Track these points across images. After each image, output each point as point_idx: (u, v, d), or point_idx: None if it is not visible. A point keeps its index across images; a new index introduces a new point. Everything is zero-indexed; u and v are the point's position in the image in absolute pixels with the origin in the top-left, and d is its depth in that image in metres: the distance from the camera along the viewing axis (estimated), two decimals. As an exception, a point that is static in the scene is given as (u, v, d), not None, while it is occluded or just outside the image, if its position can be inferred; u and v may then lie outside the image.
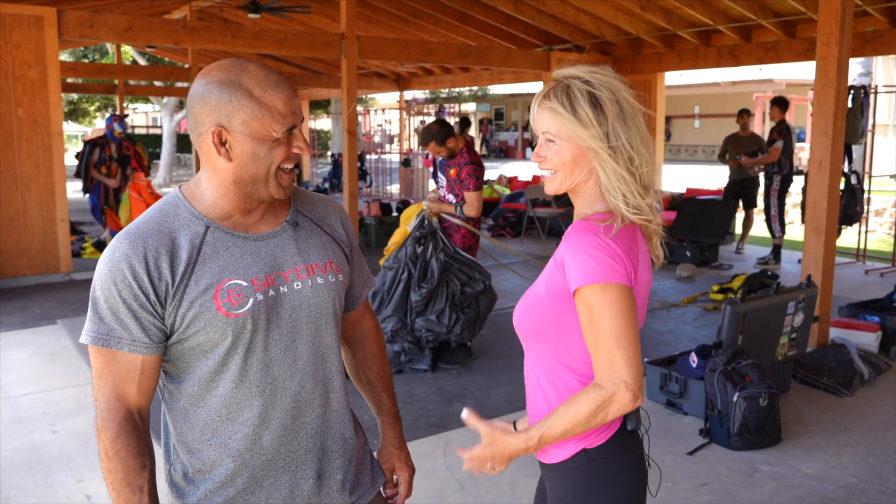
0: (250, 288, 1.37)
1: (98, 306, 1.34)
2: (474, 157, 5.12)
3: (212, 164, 1.39)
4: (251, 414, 1.40)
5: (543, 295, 1.48)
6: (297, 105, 1.39)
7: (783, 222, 8.71)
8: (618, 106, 1.46)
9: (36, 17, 7.02)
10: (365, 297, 1.69)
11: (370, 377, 1.70)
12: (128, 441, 1.34)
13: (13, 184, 7.15)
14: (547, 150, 1.51)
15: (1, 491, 3.26)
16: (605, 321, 1.38)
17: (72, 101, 26.36)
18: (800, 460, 3.64)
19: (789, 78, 20.20)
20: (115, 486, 1.34)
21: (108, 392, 1.35)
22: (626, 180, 1.45)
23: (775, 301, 4.30)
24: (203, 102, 1.35)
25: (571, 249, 1.42)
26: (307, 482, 1.46)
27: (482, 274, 4.99)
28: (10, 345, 5.46)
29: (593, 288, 1.39)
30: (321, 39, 8.79)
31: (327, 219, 1.56)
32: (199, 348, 1.37)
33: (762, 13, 8.08)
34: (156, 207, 1.42)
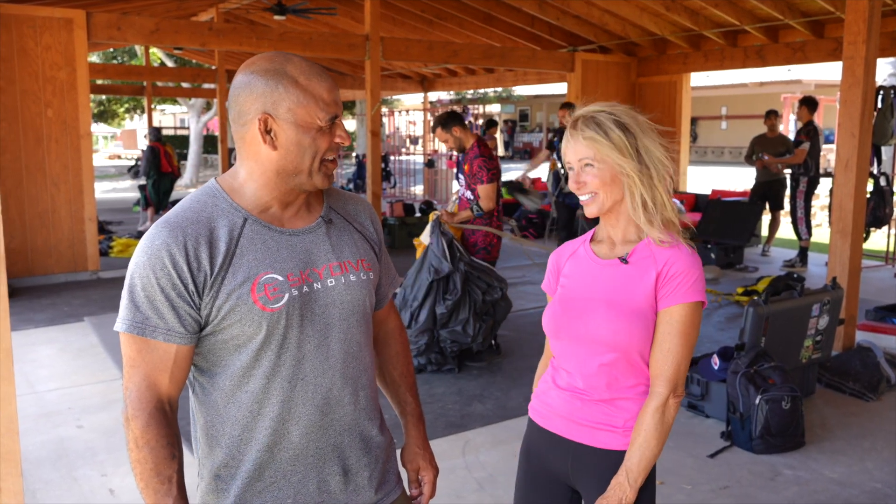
0: (286, 283, 1.37)
1: (135, 294, 1.33)
2: (483, 150, 5.08)
3: (254, 155, 1.39)
4: (282, 409, 1.40)
5: (646, 309, 1.63)
6: (339, 96, 1.41)
7: (809, 224, 8.60)
8: (638, 124, 1.65)
9: (66, 20, 7.14)
10: (391, 296, 1.69)
11: (394, 376, 1.70)
12: (158, 431, 1.33)
13: (43, 183, 7.27)
14: (585, 175, 1.65)
15: (27, 484, 3.32)
16: (689, 336, 1.61)
17: (101, 102, 26.73)
18: (823, 465, 3.60)
19: (818, 78, 19.93)
20: (143, 475, 1.32)
21: (140, 381, 1.34)
22: (657, 189, 1.64)
23: (800, 303, 4.25)
24: (248, 91, 1.36)
25: (686, 268, 1.61)
26: (334, 478, 1.46)
27: (499, 280, 4.97)
28: (39, 341, 5.56)
29: (695, 305, 1.61)
30: (346, 41, 8.84)
31: (358, 217, 1.57)
32: (233, 342, 1.37)
33: (790, 13, 7.99)
34: (193, 198, 1.42)
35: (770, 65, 9.22)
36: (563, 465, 1.73)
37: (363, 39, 8.66)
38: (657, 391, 1.61)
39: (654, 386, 1.62)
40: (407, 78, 15.84)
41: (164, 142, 11.50)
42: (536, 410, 1.82)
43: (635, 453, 1.59)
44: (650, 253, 1.64)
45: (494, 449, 3.77)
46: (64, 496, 3.28)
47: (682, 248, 1.63)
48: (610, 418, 1.67)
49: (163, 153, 11.12)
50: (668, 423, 1.61)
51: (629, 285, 1.64)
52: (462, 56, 9.56)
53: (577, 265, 1.76)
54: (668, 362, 1.60)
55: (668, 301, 1.60)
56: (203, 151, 22.72)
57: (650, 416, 1.60)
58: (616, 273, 1.67)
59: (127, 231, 10.65)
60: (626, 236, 1.69)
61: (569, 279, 1.76)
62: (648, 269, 1.63)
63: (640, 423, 1.61)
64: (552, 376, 1.78)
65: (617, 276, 1.67)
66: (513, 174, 17.53)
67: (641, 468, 1.59)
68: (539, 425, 1.79)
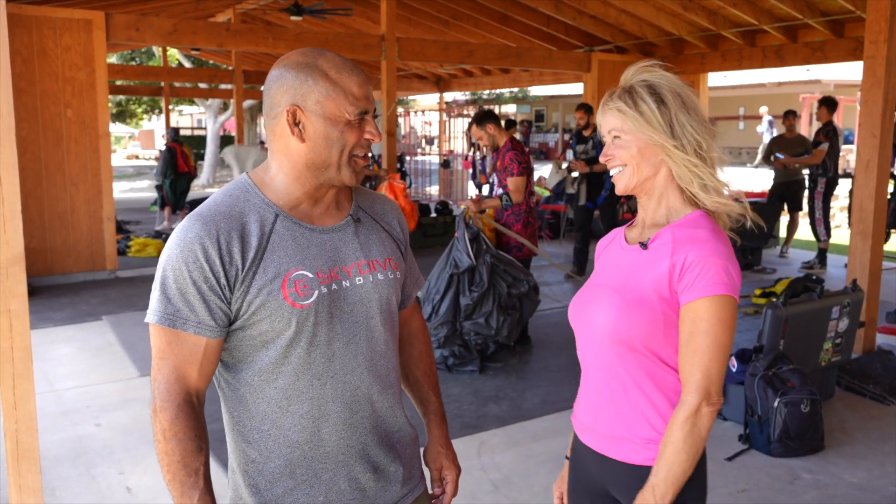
0: (315, 280, 1.38)
1: (166, 286, 1.33)
2: (516, 145, 5.14)
3: (284, 148, 1.40)
4: (311, 406, 1.40)
5: (654, 298, 1.46)
6: (371, 92, 1.41)
7: (828, 226, 8.52)
8: (679, 98, 1.51)
9: (85, 21, 7.20)
10: (415, 296, 1.70)
11: (417, 376, 1.70)
12: (186, 423, 1.32)
13: (62, 183, 7.34)
14: (614, 147, 1.54)
15: (46, 481, 3.34)
16: (717, 334, 1.41)
17: (119, 102, 26.94)
18: (843, 469, 3.56)
19: (838, 78, 19.74)
20: (170, 468, 1.32)
21: (169, 373, 1.34)
22: (697, 165, 1.49)
23: (819, 305, 4.21)
24: (279, 84, 1.38)
25: (706, 257, 1.42)
26: (365, 476, 1.46)
27: (525, 274, 4.97)
28: (58, 339, 5.61)
29: (720, 300, 1.41)
30: (361, 41, 8.86)
31: (385, 216, 1.58)
32: (261, 337, 1.37)
33: (809, 12, 7.91)
34: (225, 192, 1.42)
35: (789, 65, 9.15)
36: (600, 478, 1.61)
37: (379, 40, 8.67)
38: (686, 399, 1.43)
39: (683, 394, 1.44)
40: (423, 78, 15.85)
41: (181, 142, 11.58)
42: (573, 420, 1.71)
43: (662, 468, 1.43)
44: (671, 239, 1.48)
45: (510, 450, 3.76)
46: (82, 494, 3.30)
47: (706, 234, 1.45)
48: (628, 427, 1.53)
49: (179, 153, 11.20)
50: (701, 435, 1.42)
51: (641, 272, 1.50)
52: (478, 56, 9.55)
53: (609, 251, 1.66)
54: (694, 366, 1.42)
55: (687, 295, 1.43)
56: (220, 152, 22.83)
57: (678, 427, 1.42)
58: (634, 259, 1.54)
59: (144, 231, 10.73)
60: (655, 219, 1.55)
61: (598, 265, 1.67)
62: (664, 256, 1.47)
63: (668, 433, 1.44)
64: (582, 380, 1.68)
65: (633, 261, 1.53)
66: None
67: (669, 484, 1.42)
68: (577, 435, 1.68)
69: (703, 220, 1.50)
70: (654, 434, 1.49)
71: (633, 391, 1.52)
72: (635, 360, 1.50)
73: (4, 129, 2.42)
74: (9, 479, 2.64)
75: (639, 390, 1.51)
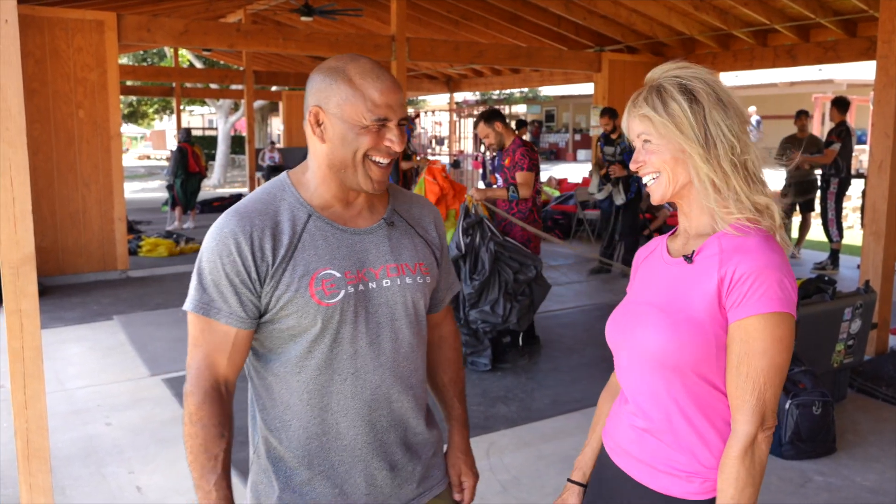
0: (343, 280, 1.42)
1: (202, 277, 1.40)
2: (526, 142, 5.15)
3: (313, 149, 1.46)
4: (331, 401, 1.44)
5: (705, 318, 1.32)
6: (398, 101, 1.41)
7: (841, 226, 8.46)
8: (714, 95, 1.36)
9: (97, 22, 7.24)
10: (448, 300, 1.72)
11: (444, 381, 1.72)
12: (211, 409, 1.39)
13: (74, 183, 7.38)
14: (645, 153, 1.40)
15: (57, 480, 3.35)
16: (773, 356, 1.28)
17: (131, 103, 27.08)
18: (855, 471, 3.53)
19: (850, 78, 19.62)
20: (193, 450, 1.39)
21: (200, 360, 1.40)
22: (728, 175, 1.34)
23: (831, 307, 4.18)
24: (310, 87, 1.44)
25: (758, 270, 1.28)
26: (381, 473, 1.49)
27: (533, 259, 4.93)
28: (69, 339, 5.64)
29: (776, 317, 1.27)
30: (372, 41, 8.86)
31: (422, 220, 1.60)
32: (289, 332, 1.42)
33: (821, 11, 7.86)
34: (264, 189, 1.48)
35: (801, 64, 9.08)
36: (629, 501, 1.47)
37: (389, 40, 8.68)
38: (740, 429, 1.29)
39: (736, 423, 1.30)
40: (433, 78, 15.85)
41: (192, 142, 11.63)
42: (606, 433, 1.57)
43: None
44: (718, 250, 1.33)
45: (519, 451, 3.75)
46: (92, 493, 3.32)
47: (757, 243, 1.31)
48: (671, 458, 1.39)
49: (191, 153, 11.25)
50: (762, 464, 1.30)
51: (688, 288, 1.36)
52: (488, 56, 9.54)
53: (648, 264, 1.52)
54: (748, 391, 1.29)
55: (738, 313, 1.29)
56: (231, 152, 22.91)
57: (738, 461, 1.28)
58: (679, 273, 1.39)
59: (155, 231, 10.76)
60: (699, 228, 1.40)
61: (636, 281, 1.54)
62: (711, 270, 1.33)
63: (727, 468, 1.30)
64: (619, 400, 1.55)
65: (679, 277, 1.39)
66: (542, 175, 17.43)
67: None
68: (609, 457, 1.53)
69: (753, 227, 1.34)
70: (698, 468, 1.37)
71: (678, 420, 1.38)
72: (683, 385, 1.37)
73: (15, 130, 2.43)
74: (19, 477, 2.65)
75: (685, 420, 1.38)
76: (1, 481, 3.38)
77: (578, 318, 6.43)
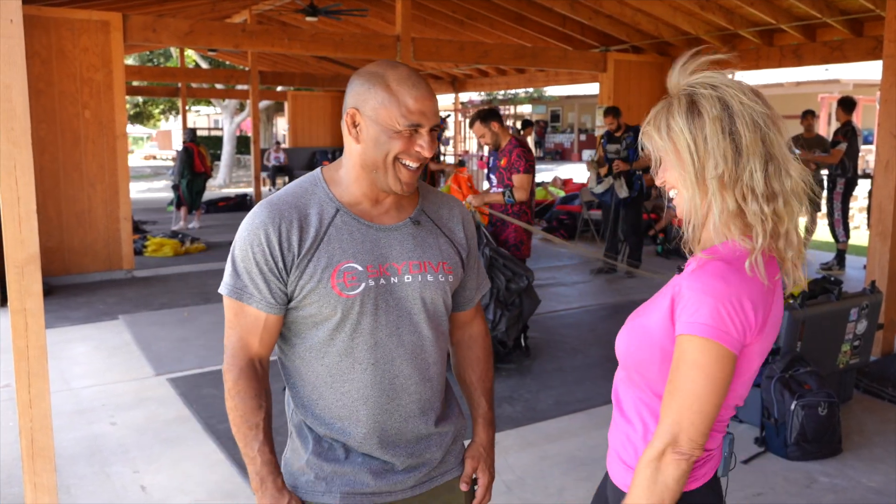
0: (364, 273, 1.50)
1: (236, 264, 1.50)
2: (522, 142, 5.12)
3: (348, 148, 1.53)
4: (352, 387, 1.52)
5: (654, 330, 1.34)
6: (431, 108, 1.49)
7: (847, 227, 8.43)
8: (719, 105, 1.33)
9: (103, 22, 7.26)
10: (478, 300, 1.77)
11: (472, 379, 1.78)
12: (247, 384, 1.50)
13: (80, 183, 7.39)
14: (661, 169, 1.40)
15: (62, 479, 3.36)
16: (695, 380, 1.25)
17: (136, 104, 27.14)
18: (861, 472, 3.52)
19: (857, 78, 19.55)
20: (235, 422, 1.51)
21: (235, 340, 1.51)
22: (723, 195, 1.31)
23: (837, 307, 4.16)
24: (350, 90, 1.52)
25: (696, 292, 1.26)
26: (398, 459, 1.56)
27: (525, 271, 4.95)
28: (75, 338, 5.65)
29: (697, 342, 1.25)
30: (377, 42, 8.87)
31: (449, 221, 1.66)
32: (311, 319, 1.51)
33: (828, 11, 7.83)
34: (297, 183, 1.57)
35: (807, 64, 9.05)
36: (605, 491, 1.54)
37: (394, 40, 8.68)
38: (653, 440, 1.29)
39: (656, 430, 1.30)
40: (438, 79, 15.85)
41: (198, 143, 11.65)
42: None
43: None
44: (689, 267, 1.35)
45: (523, 451, 3.74)
46: (97, 492, 3.32)
47: (712, 268, 1.28)
48: (623, 450, 1.44)
49: (196, 154, 11.27)
50: (666, 484, 1.26)
51: (655, 301, 1.39)
52: (493, 56, 9.53)
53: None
54: (668, 405, 1.28)
55: (677, 327, 1.29)
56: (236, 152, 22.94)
57: (643, 467, 1.29)
58: (666, 286, 1.42)
59: (161, 231, 10.78)
60: (705, 243, 1.38)
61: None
62: (673, 284, 1.35)
63: (636, 471, 1.30)
64: None
65: (664, 287, 1.42)
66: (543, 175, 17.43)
67: None
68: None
69: (727, 251, 1.31)
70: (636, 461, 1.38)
71: (634, 419, 1.42)
72: (637, 388, 1.41)
73: (20, 130, 2.43)
74: (24, 476, 2.66)
75: (639, 420, 1.41)
76: (6, 480, 3.39)
77: (583, 319, 6.42)
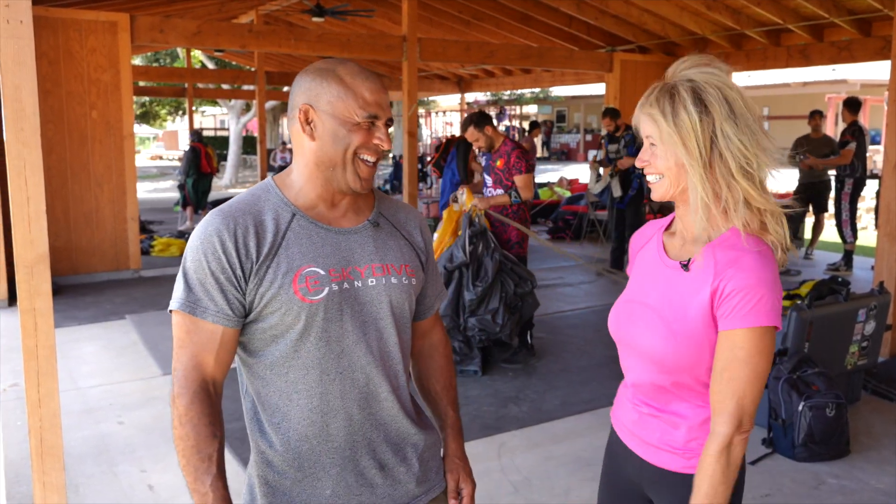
0: (327, 277, 1.42)
1: (188, 276, 1.40)
2: (518, 143, 5.14)
3: (300, 148, 1.47)
4: (320, 401, 1.44)
5: (700, 329, 1.42)
6: (385, 101, 1.46)
7: (855, 227, 8.40)
8: (727, 105, 1.40)
9: (110, 23, 7.28)
10: (437, 308, 1.71)
11: (437, 389, 1.70)
12: (201, 409, 1.36)
13: (87, 183, 7.42)
14: (651, 154, 1.47)
15: (70, 478, 3.37)
16: (755, 365, 1.37)
17: (143, 104, 27.21)
18: (869, 474, 3.50)
19: (864, 78, 19.48)
20: (185, 452, 1.35)
21: (187, 361, 1.39)
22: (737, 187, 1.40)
23: (845, 308, 4.15)
24: (298, 87, 1.46)
25: (749, 287, 1.36)
26: (371, 471, 1.48)
27: (529, 275, 4.97)
28: (82, 338, 5.67)
29: (762, 331, 1.36)
30: (383, 42, 8.87)
31: (407, 225, 1.61)
32: (272, 331, 1.42)
33: (835, 11, 7.81)
34: (249, 191, 1.50)
35: (814, 64, 9.02)
36: (634, 476, 1.62)
37: (400, 40, 8.68)
38: (718, 430, 1.38)
39: (715, 424, 1.39)
40: (444, 79, 15.85)
41: (205, 143, 11.68)
42: (613, 414, 1.71)
43: (702, 501, 1.39)
44: (714, 262, 1.41)
45: (530, 452, 3.74)
46: (104, 491, 3.33)
47: (750, 261, 1.38)
48: (669, 438, 1.52)
49: (203, 154, 11.30)
50: (736, 464, 1.39)
51: (684, 298, 1.44)
52: (499, 56, 9.53)
53: (645, 259, 1.61)
54: (728, 395, 1.37)
55: (727, 323, 1.38)
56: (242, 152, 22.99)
57: (714, 459, 1.38)
58: (675, 279, 1.48)
59: (167, 230, 10.82)
60: (696, 233, 1.47)
61: (634, 274, 1.63)
62: (706, 281, 1.41)
63: (703, 466, 1.39)
64: (624, 384, 1.67)
65: (675, 283, 1.47)
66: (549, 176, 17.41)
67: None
68: (616, 433, 1.67)
69: (747, 240, 1.40)
70: (696, 446, 1.49)
71: (676, 406, 1.51)
72: (679, 382, 1.48)
73: (30, 130, 2.44)
74: (33, 475, 2.67)
75: (686, 407, 1.50)
76: (15, 479, 3.40)
77: (589, 319, 6.41)
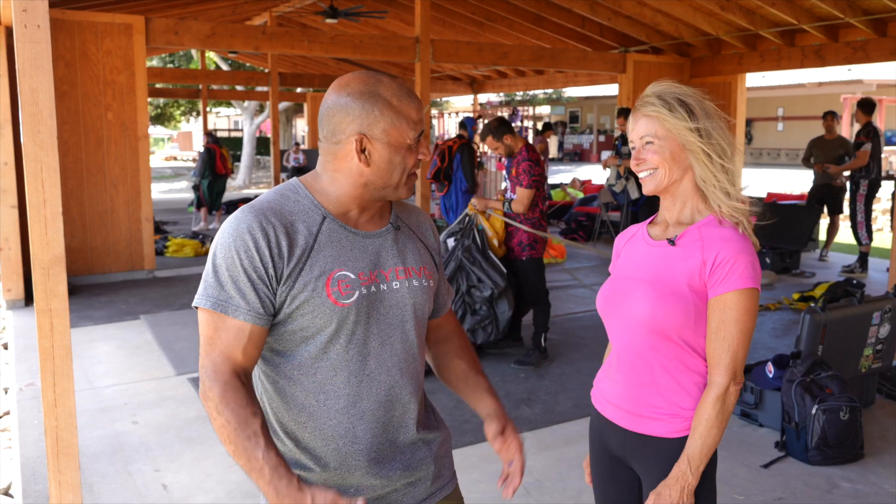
0: (357, 281, 1.45)
1: (219, 273, 1.39)
2: (532, 155, 5.10)
3: (344, 168, 1.47)
4: (347, 402, 1.46)
5: (687, 291, 1.63)
6: (423, 113, 1.52)
7: (870, 229, 8.34)
8: (703, 108, 1.66)
9: (125, 25, 7.34)
10: (449, 305, 1.76)
11: (463, 365, 1.71)
12: (236, 394, 1.35)
13: (102, 184, 7.48)
14: (645, 152, 1.68)
15: (85, 477, 3.41)
16: (744, 322, 1.60)
17: (158, 105, 27.39)
18: (883, 478, 3.48)
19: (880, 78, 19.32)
20: (230, 437, 1.33)
21: (216, 356, 1.38)
22: (727, 169, 1.65)
23: (859, 311, 4.12)
24: (345, 112, 1.44)
25: (734, 254, 1.59)
26: (395, 472, 1.51)
27: (494, 283, 4.94)
28: (97, 338, 5.72)
29: (747, 292, 1.59)
30: (396, 43, 8.89)
31: (420, 227, 1.66)
32: (301, 333, 1.43)
33: (850, 11, 7.76)
34: (276, 191, 1.50)
35: (829, 65, 8.96)
36: (618, 449, 1.78)
37: (413, 42, 8.70)
38: (717, 381, 1.61)
39: (713, 375, 1.62)
40: (456, 80, 15.86)
41: (220, 144, 11.75)
42: (594, 395, 1.88)
43: (696, 441, 1.61)
44: (699, 237, 1.64)
45: (541, 454, 3.74)
46: (119, 490, 3.36)
47: (732, 234, 1.62)
48: (656, 405, 1.69)
49: (218, 155, 11.36)
50: (729, 411, 1.62)
51: (672, 266, 1.66)
52: (512, 58, 9.53)
53: (632, 246, 1.81)
54: (724, 351, 1.60)
55: (718, 289, 1.60)
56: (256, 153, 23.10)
57: (711, 404, 1.61)
58: (663, 254, 1.69)
59: (182, 231, 10.88)
60: (680, 218, 1.71)
61: (622, 259, 1.82)
62: (694, 252, 1.64)
63: (700, 411, 1.62)
64: (608, 360, 1.85)
65: (663, 257, 1.69)
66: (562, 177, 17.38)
67: (703, 455, 1.62)
68: (597, 409, 1.84)
69: (725, 221, 1.65)
70: (678, 410, 1.67)
71: (661, 374, 1.68)
72: (666, 346, 1.66)
73: (47, 133, 2.47)
74: (49, 474, 2.70)
75: (667, 373, 1.68)
76: (31, 478, 3.44)
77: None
